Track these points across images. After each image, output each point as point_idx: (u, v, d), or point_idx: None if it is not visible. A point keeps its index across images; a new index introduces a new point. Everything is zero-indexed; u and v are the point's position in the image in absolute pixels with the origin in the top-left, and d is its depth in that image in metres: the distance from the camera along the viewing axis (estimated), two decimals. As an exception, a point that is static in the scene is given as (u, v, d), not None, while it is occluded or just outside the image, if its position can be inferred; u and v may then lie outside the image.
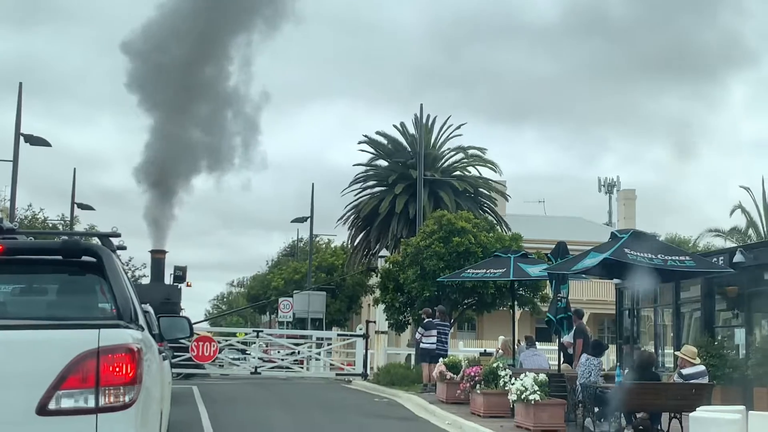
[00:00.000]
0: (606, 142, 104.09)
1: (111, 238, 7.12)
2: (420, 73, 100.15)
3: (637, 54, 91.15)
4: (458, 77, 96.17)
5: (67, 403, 5.24)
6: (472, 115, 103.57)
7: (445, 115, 48.59)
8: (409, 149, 38.28)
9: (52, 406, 5.21)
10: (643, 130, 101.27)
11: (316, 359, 31.02)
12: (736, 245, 29.36)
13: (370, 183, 41.23)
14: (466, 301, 26.69)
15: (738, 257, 18.91)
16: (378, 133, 41.47)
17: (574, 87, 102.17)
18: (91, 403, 5.26)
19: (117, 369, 5.31)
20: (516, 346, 21.36)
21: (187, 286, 33.51)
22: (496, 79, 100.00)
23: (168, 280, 30.88)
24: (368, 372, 29.51)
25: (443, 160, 41.07)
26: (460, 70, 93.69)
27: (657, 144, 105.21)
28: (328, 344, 30.78)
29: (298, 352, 30.72)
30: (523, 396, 14.66)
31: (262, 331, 31.00)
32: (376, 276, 32.73)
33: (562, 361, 18.64)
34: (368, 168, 41.63)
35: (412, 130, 40.06)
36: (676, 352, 16.36)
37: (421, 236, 26.77)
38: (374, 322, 32.64)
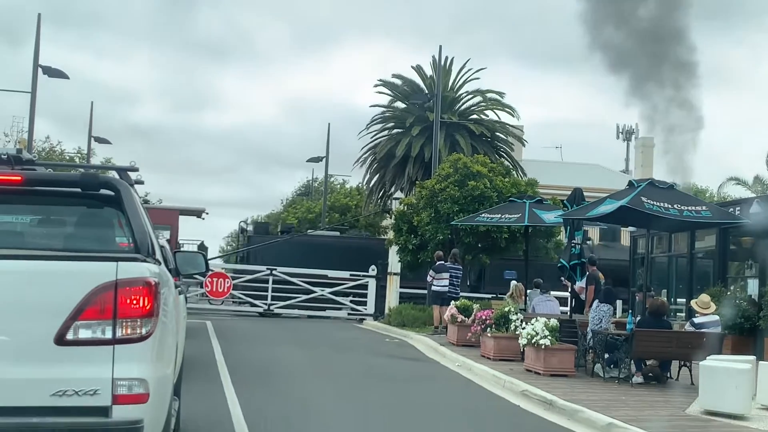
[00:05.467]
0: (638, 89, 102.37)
1: (129, 172, 7.12)
2: (461, 12, 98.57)
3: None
4: (499, 17, 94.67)
5: (84, 334, 5.31)
6: (511, 58, 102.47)
7: (480, 57, 48.29)
8: (427, 92, 38.04)
9: (70, 336, 5.28)
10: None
11: (329, 298, 31.24)
12: (754, 195, 29.21)
13: (388, 125, 41.08)
14: (479, 245, 26.71)
15: (755, 208, 18.81)
16: (395, 75, 41.22)
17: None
18: (108, 335, 5.33)
19: (134, 302, 5.36)
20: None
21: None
22: (539, 19, 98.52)
23: None
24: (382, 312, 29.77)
25: (461, 104, 40.81)
26: (502, 11, 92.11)
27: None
28: (341, 284, 30.95)
29: (311, 291, 30.92)
30: (533, 340, 14.76)
31: (275, 269, 31.17)
32: (390, 218, 32.75)
33: (572, 306, 18.74)
34: (386, 110, 41.44)
35: (429, 72, 39.74)
36: (691, 302, 16.40)
37: (436, 179, 26.71)
38: (387, 263, 32.71)
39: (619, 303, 23.11)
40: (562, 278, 19.43)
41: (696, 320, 14.89)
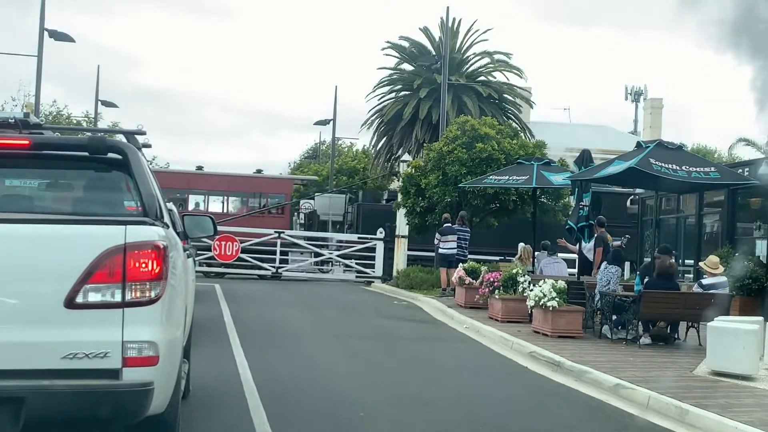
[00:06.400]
0: (656, 48, 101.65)
1: (136, 136, 7.10)
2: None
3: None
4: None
5: (94, 297, 5.33)
6: (522, 16, 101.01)
7: (490, 14, 47.81)
8: (434, 53, 37.77)
9: (79, 299, 5.31)
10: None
11: (337, 261, 31.31)
12: (764, 156, 29.06)
13: (396, 87, 40.87)
14: (487, 207, 26.67)
15: (764, 169, 18.73)
16: (402, 37, 40.91)
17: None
18: (118, 298, 5.36)
19: (143, 265, 5.38)
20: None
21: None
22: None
23: None
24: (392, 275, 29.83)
25: (468, 65, 40.55)
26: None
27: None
28: (349, 247, 30.99)
29: (319, 254, 30.98)
30: (541, 302, 14.79)
31: (283, 232, 31.22)
32: (398, 180, 32.67)
33: (580, 268, 18.73)
34: (393, 72, 41.21)
35: (437, 33, 39.44)
36: (700, 263, 16.38)
37: (443, 141, 26.61)
38: (395, 225, 32.77)
39: (627, 264, 23.12)
40: (560, 240, 19.56)
41: (704, 281, 14.88)
